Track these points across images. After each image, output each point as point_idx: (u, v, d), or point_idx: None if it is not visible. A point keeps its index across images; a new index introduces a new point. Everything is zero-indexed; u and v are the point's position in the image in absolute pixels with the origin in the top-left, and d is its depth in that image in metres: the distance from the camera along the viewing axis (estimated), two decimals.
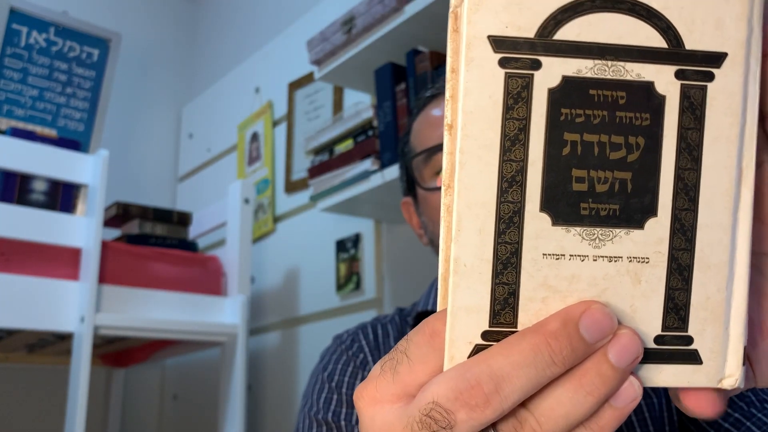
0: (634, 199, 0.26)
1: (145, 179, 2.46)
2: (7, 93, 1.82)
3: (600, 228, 0.26)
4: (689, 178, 0.27)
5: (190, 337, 1.58)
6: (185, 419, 2.18)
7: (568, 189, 0.26)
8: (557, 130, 0.26)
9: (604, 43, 0.26)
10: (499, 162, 0.26)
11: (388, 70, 1.38)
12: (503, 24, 0.26)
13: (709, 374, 0.27)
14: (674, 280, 0.27)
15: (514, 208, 0.26)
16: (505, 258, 0.26)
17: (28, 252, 1.43)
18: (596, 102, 0.26)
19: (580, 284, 0.27)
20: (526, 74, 0.26)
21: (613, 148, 0.26)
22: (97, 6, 2.44)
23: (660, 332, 0.27)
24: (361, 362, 0.81)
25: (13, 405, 2.00)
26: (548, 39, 0.26)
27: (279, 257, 1.96)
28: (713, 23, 0.26)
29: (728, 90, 0.26)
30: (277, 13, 2.24)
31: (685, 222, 0.27)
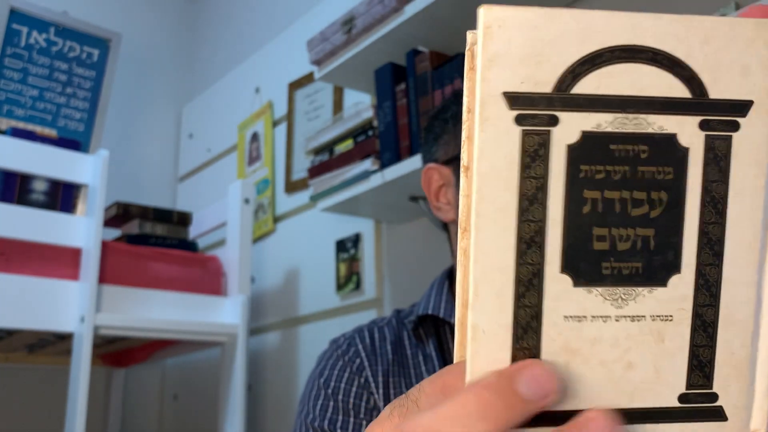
0: (657, 257, 0.26)
1: (145, 179, 2.46)
2: (7, 93, 1.82)
3: (622, 287, 0.26)
4: (714, 232, 0.26)
5: (190, 337, 1.58)
6: (185, 419, 2.18)
7: (589, 248, 0.25)
8: (577, 187, 0.25)
9: (624, 95, 0.25)
10: (516, 223, 0.25)
11: (388, 70, 1.38)
12: (519, 79, 0.25)
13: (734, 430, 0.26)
14: (698, 337, 0.26)
15: (533, 270, 0.25)
16: (525, 323, 0.25)
17: (28, 252, 1.43)
18: (617, 157, 0.25)
19: (602, 346, 0.26)
20: (543, 131, 0.25)
21: (635, 204, 0.25)
22: (97, 6, 2.44)
23: (684, 390, 0.26)
24: (358, 368, 0.80)
25: (13, 405, 2.00)
26: (566, 93, 0.25)
27: (279, 257, 1.96)
28: (739, 70, 0.25)
29: (754, 139, 0.25)
30: (277, 14, 2.24)
31: (710, 277, 0.26)
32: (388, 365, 0.80)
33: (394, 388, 0.78)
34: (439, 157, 0.84)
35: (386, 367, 0.79)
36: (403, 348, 0.82)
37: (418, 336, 0.82)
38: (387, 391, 0.78)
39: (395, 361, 0.80)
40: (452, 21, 1.32)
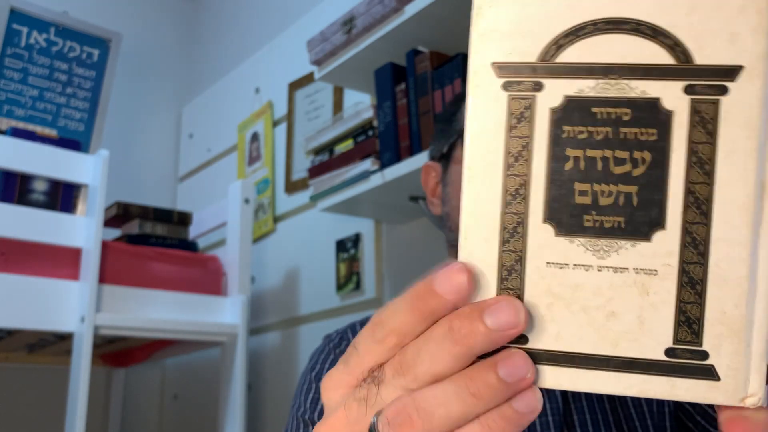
0: (640, 212, 0.27)
1: (145, 179, 2.46)
2: (7, 93, 1.83)
3: (604, 239, 0.27)
4: (701, 191, 0.27)
5: (190, 336, 1.58)
6: (185, 419, 2.18)
7: (571, 202, 0.27)
8: (559, 146, 0.27)
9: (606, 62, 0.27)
10: (503, 177, 0.28)
11: (388, 70, 1.38)
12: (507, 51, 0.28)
13: (728, 392, 0.26)
14: (686, 293, 0.27)
15: (518, 219, 0.28)
16: (509, 266, 0.28)
17: (28, 252, 1.43)
18: (599, 119, 0.27)
19: (584, 293, 0.27)
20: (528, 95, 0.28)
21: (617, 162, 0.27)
22: (97, 6, 2.44)
23: (671, 345, 0.27)
24: None
25: (13, 405, 2.00)
26: (550, 62, 0.27)
27: (279, 257, 1.96)
28: (727, 37, 0.26)
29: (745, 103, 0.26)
30: (277, 14, 2.24)
31: (697, 236, 0.27)
32: None
33: None
34: (435, 154, 0.88)
35: None
36: None
37: None
38: None
39: None
40: (452, 21, 1.32)
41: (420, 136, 1.29)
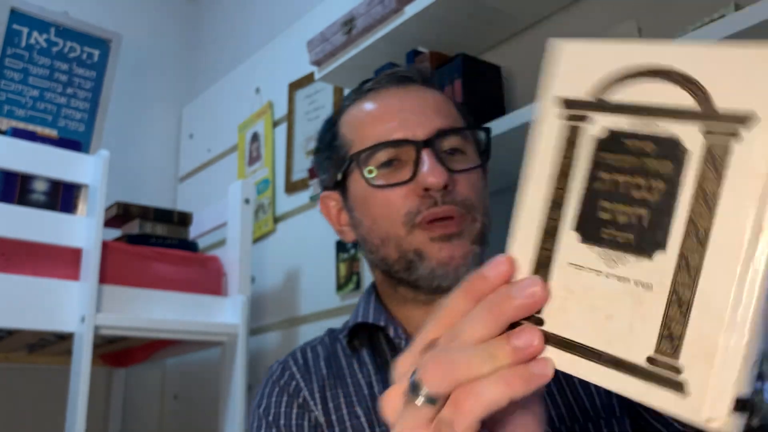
0: (648, 233, 0.31)
1: (145, 179, 2.46)
2: (7, 93, 1.83)
3: (616, 252, 0.32)
4: (701, 223, 0.30)
5: (190, 336, 1.59)
6: (186, 419, 2.19)
7: (596, 216, 0.32)
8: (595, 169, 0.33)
9: (642, 104, 0.32)
10: (550, 189, 0.34)
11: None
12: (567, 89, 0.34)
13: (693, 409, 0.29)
14: (673, 310, 0.30)
15: (554, 224, 0.34)
16: (541, 261, 0.34)
17: (28, 252, 1.43)
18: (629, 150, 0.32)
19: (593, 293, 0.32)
20: (580, 126, 0.34)
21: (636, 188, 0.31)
22: (97, 7, 2.45)
23: (653, 354, 0.30)
24: (294, 390, 0.81)
25: (13, 405, 2.00)
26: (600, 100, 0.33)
27: (279, 257, 1.96)
28: (745, 85, 0.29)
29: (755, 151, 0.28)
30: (277, 14, 2.24)
31: (691, 262, 0.30)
32: (323, 380, 0.81)
33: (333, 400, 0.79)
34: (328, 184, 0.89)
35: (321, 382, 0.81)
36: (337, 361, 0.84)
37: (353, 346, 0.84)
38: (325, 405, 0.79)
39: (330, 375, 0.82)
40: (452, 21, 1.33)
41: None
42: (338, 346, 0.86)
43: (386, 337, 0.83)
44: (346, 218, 0.87)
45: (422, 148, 0.78)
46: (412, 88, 0.86)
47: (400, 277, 0.81)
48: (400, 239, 0.78)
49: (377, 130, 0.82)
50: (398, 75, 0.87)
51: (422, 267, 0.77)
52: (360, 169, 0.81)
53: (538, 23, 1.37)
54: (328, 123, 0.92)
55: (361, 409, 0.77)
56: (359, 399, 0.78)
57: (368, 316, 0.84)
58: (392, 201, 0.79)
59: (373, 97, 0.86)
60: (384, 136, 0.81)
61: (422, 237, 0.77)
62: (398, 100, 0.84)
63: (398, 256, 0.79)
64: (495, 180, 1.33)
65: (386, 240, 0.80)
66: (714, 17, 1.04)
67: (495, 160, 1.24)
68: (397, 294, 0.84)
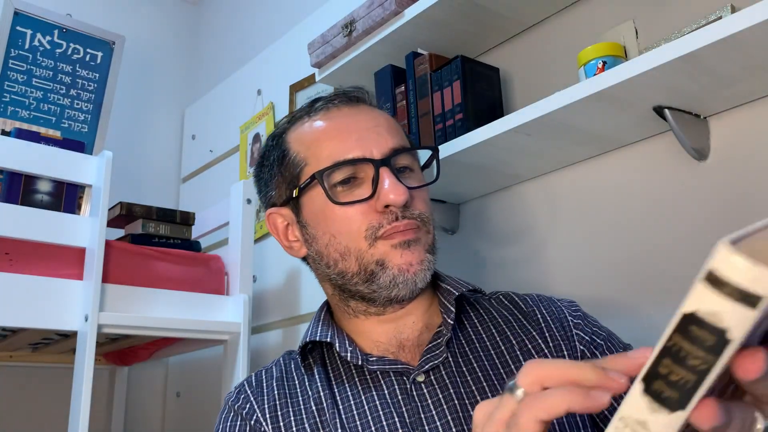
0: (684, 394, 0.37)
1: (148, 180, 2.48)
2: (11, 94, 1.84)
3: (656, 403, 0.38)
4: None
5: (192, 335, 1.60)
6: (188, 416, 2.20)
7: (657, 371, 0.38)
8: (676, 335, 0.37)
9: None
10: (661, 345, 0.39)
11: (387, 72, 1.39)
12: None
13: None
14: None
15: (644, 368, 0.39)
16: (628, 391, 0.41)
17: (32, 252, 1.44)
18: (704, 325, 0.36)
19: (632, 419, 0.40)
20: None
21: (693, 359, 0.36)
22: (100, 9, 2.46)
23: None
24: (248, 413, 0.83)
25: (17, 403, 2.02)
26: None
27: (281, 256, 1.97)
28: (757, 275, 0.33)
29: None
30: (278, 17, 2.26)
31: None
32: (275, 399, 0.83)
33: (284, 419, 0.80)
34: (277, 201, 0.91)
35: (273, 402, 0.82)
36: (290, 379, 0.86)
37: (308, 365, 0.87)
38: (276, 424, 0.80)
39: (282, 394, 0.83)
40: (452, 24, 1.34)
41: (419, 137, 1.30)
42: (292, 366, 0.88)
43: (338, 353, 0.85)
44: (296, 234, 0.90)
45: (380, 167, 0.82)
46: (362, 108, 0.90)
47: (357, 290, 0.84)
48: (362, 252, 0.82)
49: (334, 148, 0.84)
50: (349, 95, 0.91)
51: (383, 276, 0.81)
52: (323, 187, 0.83)
53: (536, 25, 1.38)
54: (273, 139, 0.94)
55: (308, 425, 0.78)
56: (308, 416, 0.80)
57: (316, 334, 0.86)
58: (352, 217, 0.82)
59: (325, 116, 0.89)
60: (341, 154, 0.83)
61: (384, 246, 0.81)
62: (352, 119, 0.87)
63: (358, 268, 0.82)
64: (498, 180, 1.34)
65: (346, 254, 0.83)
66: (710, 19, 1.05)
67: (495, 160, 1.25)
68: (348, 308, 0.87)
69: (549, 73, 1.33)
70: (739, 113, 1.05)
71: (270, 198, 0.93)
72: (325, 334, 0.86)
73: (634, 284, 1.15)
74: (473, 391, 0.78)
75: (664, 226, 1.12)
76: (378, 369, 0.81)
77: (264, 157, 0.94)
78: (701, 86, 0.99)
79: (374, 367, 0.81)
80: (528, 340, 0.83)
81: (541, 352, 0.82)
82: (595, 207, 1.23)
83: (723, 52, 0.90)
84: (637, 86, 0.98)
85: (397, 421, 0.76)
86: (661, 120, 1.06)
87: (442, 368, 0.80)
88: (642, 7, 1.20)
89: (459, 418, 0.75)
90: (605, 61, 1.09)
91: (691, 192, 1.10)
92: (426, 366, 0.79)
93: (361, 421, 0.77)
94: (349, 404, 0.79)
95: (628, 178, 1.18)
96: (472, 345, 0.83)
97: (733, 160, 1.05)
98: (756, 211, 1.02)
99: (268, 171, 0.93)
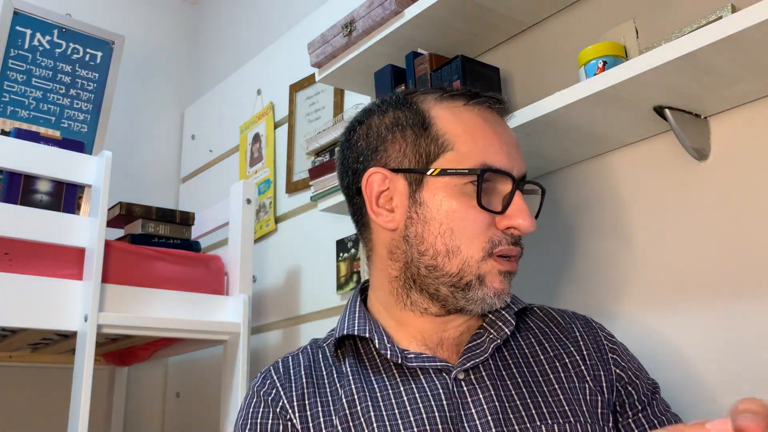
0: None
1: (148, 180, 2.48)
2: (11, 94, 1.84)
3: None
4: None
5: (192, 335, 1.60)
6: (188, 416, 2.20)
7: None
8: None
9: None
10: None
11: (388, 72, 1.39)
12: None
13: None
14: None
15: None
16: None
17: (32, 252, 1.44)
18: None
19: None
20: None
21: None
22: (100, 9, 2.46)
23: None
24: (273, 399, 0.82)
25: (17, 404, 2.02)
26: None
27: (280, 257, 1.98)
28: None
29: None
30: (278, 17, 2.26)
31: None
32: (303, 388, 0.82)
33: (311, 408, 0.80)
34: (389, 163, 0.84)
35: (301, 390, 0.82)
36: (318, 369, 0.85)
37: (337, 357, 0.86)
38: (303, 412, 0.79)
39: (310, 383, 0.82)
40: (452, 23, 1.34)
41: None
42: (320, 356, 0.87)
43: (373, 347, 0.84)
44: (393, 205, 0.83)
45: (517, 188, 0.82)
46: (502, 122, 0.87)
47: (436, 288, 0.81)
48: (472, 260, 0.80)
49: (487, 149, 0.81)
50: (502, 104, 0.87)
51: (478, 291, 0.80)
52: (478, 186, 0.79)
53: (536, 25, 1.38)
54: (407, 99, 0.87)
55: (337, 419, 0.78)
56: (336, 407, 0.79)
57: (354, 327, 0.85)
58: (480, 224, 0.80)
59: (483, 113, 0.85)
60: (496, 161, 0.81)
61: (492, 267, 0.80)
62: (502, 129, 0.85)
63: (457, 272, 0.80)
64: None
65: (454, 252, 0.80)
66: (711, 19, 1.05)
67: None
68: (405, 298, 0.84)
69: (549, 73, 1.33)
70: (739, 113, 1.05)
71: (379, 154, 0.85)
72: (363, 328, 0.84)
73: (635, 284, 1.15)
74: (513, 395, 0.78)
75: (664, 226, 1.12)
76: (417, 366, 0.80)
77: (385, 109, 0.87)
78: (701, 86, 0.99)
79: (413, 364, 0.80)
80: (565, 354, 0.84)
81: (578, 367, 0.83)
82: (595, 207, 1.23)
83: (723, 52, 0.90)
84: (637, 86, 0.98)
85: (438, 415, 0.75)
86: (661, 120, 1.06)
87: (482, 369, 0.80)
88: (642, 7, 1.20)
89: (499, 419, 0.75)
90: (605, 61, 1.09)
91: (691, 192, 1.10)
92: (467, 364, 0.79)
93: (399, 412, 0.76)
94: (388, 398, 0.78)
95: (628, 178, 1.18)
96: (511, 351, 0.84)
97: (733, 160, 1.05)
98: (756, 211, 1.02)
99: (389, 128, 0.85)
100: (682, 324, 1.07)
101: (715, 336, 1.03)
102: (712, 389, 1.02)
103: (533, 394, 0.79)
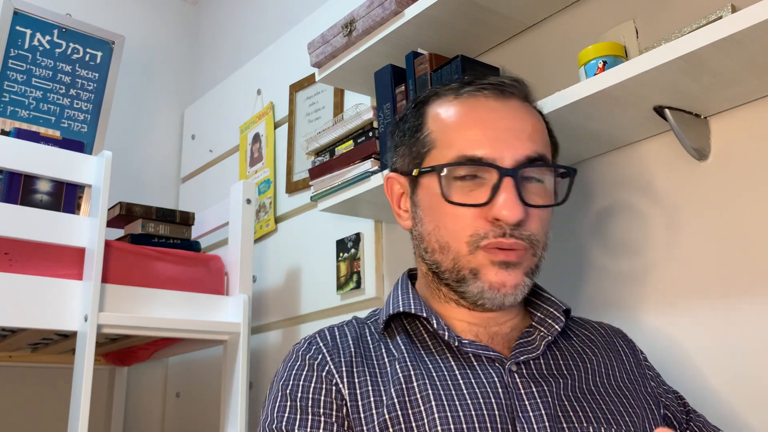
0: None
1: (148, 180, 2.48)
2: (11, 94, 1.84)
3: None
4: None
5: (192, 335, 1.60)
6: (188, 417, 2.20)
7: None
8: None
9: None
10: None
11: (388, 72, 1.39)
12: None
13: None
14: None
15: None
16: None
17: (32, 252, 1.44)
18: None
19: None
20: None
21: None
22: (100, 9, 2.46)
23: None
24: (319, 363, 0.81)
25: (17, 404, 2.02)
26: None
27: (280, 257, 1.98)
28: None
29: None
30: (278, 16, 2.26)
31: None
32: (351, 357, 0.81)
33: (359, 377, 0.79)
34: (399, 168, 0.90)
35: (348, 358, 0.81)
36: (365, 342, 0.84)
37: (387, 334, 0.85)
38: (351, 378, 0.78)
39: (357, 353, 0.82)
40: (452, 23, 1.34)
41: None
42: (366, 331, 0.87)
43: (426, 328, 0.84)
44: (407, 205, 0.89)
45: (504, 177, 0.78)
46: (511, 104, 0.84)
47: (448, 283, 0.83)
48: (460, 255, 0.80)
49: (466, 141, 0.80)
50: (502, 87, 0.85)
51: (473, 285, 0.80)
52: (439, 181, 0.80)
53: (536, 25, 1.38)
54: (416, 106, 0.89)
55: (392, 392, 0.76)
56: (384, 382, 0.78)
57: (410, 305, 0.85)
58: (462, 217, 0.80)
59: (469, 103, 0.84)
60: (470, 149, 0.80)
61: (483, 258, 0.79)
62: (495, 115, 0.82)
63: (452, 267, 0.81)
64: None
65: (445, 249, 0.81)
66: (711, 18, 1.05)
67: None
68: (440, 292, 0.86)
69: (549, 73, 1.33)
70: (739, 113, 1.05)
71: (393, 162, 0.91)
72: (419, 308, 0.84)
73: (633, 284, 1.15)
74: (562, 394, 0.78)
75: (664, 226, 1.12)
76: (471, 351, 0.80)
77: (403, 119, 0.91)
78: (701, 86, 0.99)
79: (468, 349, 0.80)
80: (612, 364, 0.86)
81: (622, 380, 0.84)
82: (595, 207, 1.23)
83: (723, 52, 0.90)
84: (637, 86, 0.98)
85: (494, 402, 0.75)
86: (661, 120, 1.07)
87: (533, 365, 0.80)
88: (642, 7, 1.20)
89: (551, 415, 0.75)
90: (605, 60, 1.09)
91: (690, 192, 1.10)
92: (520, 357, 0.80)
93: (456, 393, 0.76)
94: (444, 378, 0.78)
95: (628, 179, 1.18)
96: (561, 352, 0.84)
97: (733, 160, 1.05)
98: (756, 211, 1.02)
99: (399, 136, 0.91)
100: (682, 324, 1.07)
101: (713, 336, 1.03)
102: (713, 389, 1.02)
103: (583, 396, 0.79)
